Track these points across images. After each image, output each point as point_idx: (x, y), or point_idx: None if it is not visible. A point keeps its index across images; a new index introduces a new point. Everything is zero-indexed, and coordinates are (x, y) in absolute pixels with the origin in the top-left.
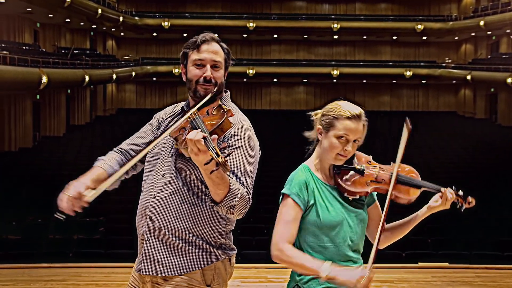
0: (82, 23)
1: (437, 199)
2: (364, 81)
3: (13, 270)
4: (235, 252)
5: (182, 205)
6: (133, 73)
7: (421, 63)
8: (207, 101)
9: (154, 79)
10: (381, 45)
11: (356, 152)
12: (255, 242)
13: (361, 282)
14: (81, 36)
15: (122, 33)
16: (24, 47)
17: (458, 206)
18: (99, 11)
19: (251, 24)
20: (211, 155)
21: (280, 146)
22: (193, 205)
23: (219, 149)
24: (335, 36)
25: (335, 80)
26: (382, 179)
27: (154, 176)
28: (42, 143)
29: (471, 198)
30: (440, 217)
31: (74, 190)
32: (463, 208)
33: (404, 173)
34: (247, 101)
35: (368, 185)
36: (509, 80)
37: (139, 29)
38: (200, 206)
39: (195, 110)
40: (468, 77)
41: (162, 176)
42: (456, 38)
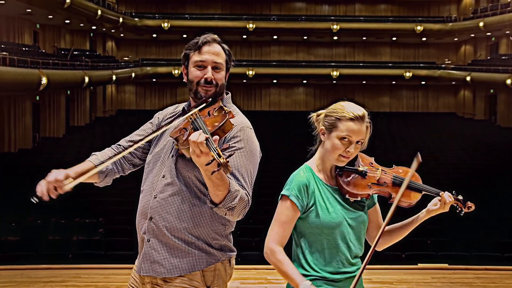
0: (82, 24)
1: (436, 202)
2: (363, 82)
3: (12, 271)
4: (235, 253)
5: (183, 206)
6: (133, 74)
7: (421, 64)
8: (210, 100)
9: (154, 80)
10: (380, 46)
11: (359, 154)
12: (255, 243)
13: None
14: (81, 37)
15: (121, 34)
16: (24, 48)
17: (457, 210)
18: (99, 12)
19: (251, 25)
20: (212, 156)
21: (279, 147)
22: (194, 206)
23: (220, 150)
24: (335, 37)
25: (334, 81)
26: (384, 182)
27: (154, 176)
28: (41, 144)
29: (470, 203)
30: (440, 219)
31: (53, 176)
32: (463, 212)
33: (404, 176)
34: (247, 102)
35: (369, 187)
36: (508, 81)
37: (138, 30)
38: (201, 207)
39: (196, 111)
40: (468, 78)
41: (163, 177)
42: (456, 39)
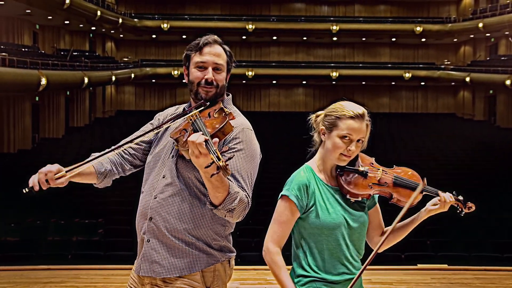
0: (81, 25)
1: (436, 202)
2: (363, 83)
3: (12, 272)
4: (235, 254)
5: (183, 206)
6: (132, 75)
7: (420, 65)
8: (208, 104)
9: (153, 81)
10: (380, 47)
11: (359, 154)
12: (254, 244)
13: None
14: (80, 38)
15: (121, 35)
16: (23, 49)
17: (458, 210)
18: (98, 13)
19: (250, 26)
20: (212, 159)
21: (279, 147)
22: (195, 206)
23: (220, 152)
24: (334, 38)
25: (334, 82)
26: (385, 182)
27: (154, 177)
28: (41, 145)
29: (470, 203)
30: (439, 219)
31: (46, 167)
32: (463, 213)
33: (407, 176)
34: (246, 103)
35: (370, 187)
36: (507, 82)
37: (138, 31)
38: (201, 208)
39: (196, 112)
40: (467, 79)
41: (163, 177)
42: (455, 40)
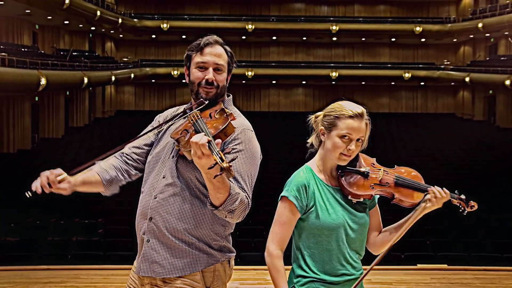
0: (81, 25)
1: (427, 198)
2: (363, 83)
3: (12, 272)
4: (234, 254)
5: (184, 206)
6: (132, 75)
7: (420, 65)
8: (209, 104)
9: (153, 81)
10: (379, 47)
11: (360, 154)
12: (254, 244)
13: None
14: (80, 38)
15: (121, 35)
16: (23, 49)
17: (460, 210)
18: (98, 13)
19: (250, 26)
20: (215, 160)
21: (279, 148)
22: (195, 207)
23: (223, 154)
24: (334, 38)
25: (334, 82)
26: (386, 182)
27: (154, 177)
28: (40, 145)
29: (473, 202)
30: (439, 219)
31: (49, 171)
32: (465, 212)
33: (410, 177)
34: (246, 103)
35: (372, 188)
36: (507, 82)
37: (138, 31)
38: (202, 208)
39: (197, 112)
40: (467, 79)
41: (163, 177)
42: (455, 40)
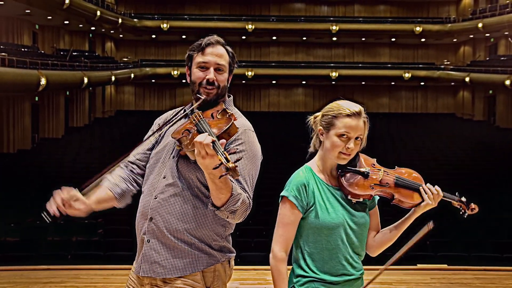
0: (81, 25)
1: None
2: (363, 83)
3: (12, 272)
4: (234, 254)
5: (185, 207)
6: (132, 75)
7: (420, 65)
8: (210, 104)
9: (153, 81)
10: (379, 47)
11: (361, 155)
12: (254, 244)
13: None
14: (80, 38)
15: (121, 35)
16: (23, 49)
17: (461, 212)
18: (98, 13)
19: (250, 26)
20: (220, 160)
21: (279, 148)
22: (196, 207)
23: (228, 154)
24: (334, 38)
25: (333, 82)
26: (386, 183)
27: (154, 177)
28: (40, 145)
29: (474, 205)
30: (439, 219)
31: (63, 190)
32: (466, 214)
33: (410, 178)
34: (246, 103)
35: (372, 188)
36: (507, 82)
37: (138, 31)
38: (203, 208)
39: (199, 112)
40: (467, 79)
41: (163, 177)
42: (455, 40)
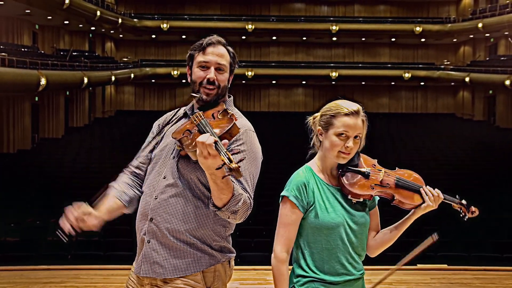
0: (81, 25)
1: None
2: (362, 83)
3: (12, 272)
4: (234, 254)
5: (186, 207)
6: (132, 75)
7: (420, 65)
8: (210, 104)
9: (153, 81)
10: (379, 47)
11: (362, 155)
12: (254, 244)
13: None
14: (80, 38)
15: (121, 35)
16: (23, 49)
17: (461, 215)
18: (98, 13)
19: (250, 26)
20: (223, 160)
21: (279, 148)
22: (197, 207)
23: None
24: (334, 38)
25: (333, 82)
26: (387, 183)
27: (154, 177)
28: (40, 145)
29: (474, 208)
30: (439, 219)
31: (74, 207)
32: (466, 217)
33: (411, 179)
34: (246, 103)
35: (372, 188)
36: (507, 82)
37: (138, 31)
38: (204, 209)
39: (200, 112)
40: (467, 79)
41: (163, 178)
42: (455, 40)
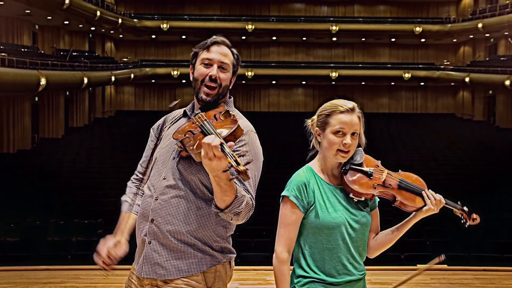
0: (81, 25)
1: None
2: (362, 83)
3: (12, 272)
4: (235, 255)
5: (186, 208)
6: (132, 75)
7: (420, 65)
8: (211, 104)
9: (153, 81)
10: (379, 47)
11: (365, 156)
12: (254, 244)
13: None
14: (80, 38)
15: (120, 35)
16: (23, 49)
17: (462, 221)
18: (98, 13)
19: (250, 26)
20: (230, 163)
21: (279, 148)
22: (198, 208)
23: (237, 156)
24: (334, 38)
25: (333, 82)
26: (389, 184)
27: (154, 178)
28: (40, 145)
29: (475, 215)
30: (439, 219)
31: (105, 246)
32: (467, 224)
33: (411, 181)
34: (246, 103)
35: (374, 188)
36: (507, 82)
37: (137, 31)
38: (205, 210)
39: (202, 113)
40: (467, 79)
41: (163, 179)
42: (455, 40)
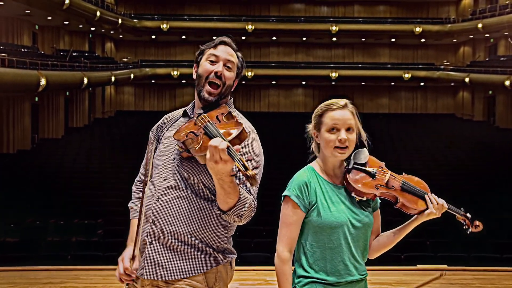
0: (81, 26)
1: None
2: (362, 83)
3: (11, 272)
4: (236, 255)
5: (188, 209)
6: (132, 76)
7: (420, 66)
8: (212, 104)
9: (153, 81)
10: (379, 47)
11: (369, 156)
12: (254, 245)
13: None
14: (80, 38)
15: (120, 36)
16: (23, 50)
17: (464, 227)
18: (98, 13)
19: (250, 27)
20: (237, 167)
21: (279, 148)
22: (199, 209)
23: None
24: (334, 39)
25: (333, 83)
26: (392, 185)
27: (155, 179)
28: (40, 145)
29: (478, 222)
30: (438, 220)
31: (123, 264)
32: (469, 230)
33: (413, 183)
34: (246, 104)
35: (377, 188)
36: (507, 82)
37: (137, 31)
38: (206, 211)
39: (205, 114)
40: (466, 79)
41: (164, 179)
42: (455, 40)
